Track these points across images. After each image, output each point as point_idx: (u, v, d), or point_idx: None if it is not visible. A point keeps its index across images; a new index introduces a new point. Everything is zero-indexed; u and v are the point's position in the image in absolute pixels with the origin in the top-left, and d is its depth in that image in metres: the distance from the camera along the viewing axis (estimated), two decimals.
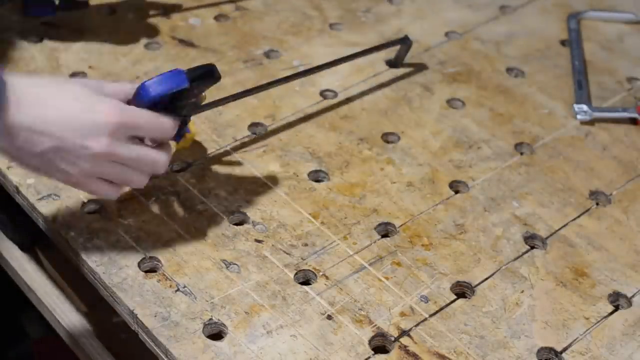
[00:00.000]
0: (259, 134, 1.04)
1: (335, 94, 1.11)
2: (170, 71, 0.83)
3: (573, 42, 1.23)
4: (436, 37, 1.23)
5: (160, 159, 0.83)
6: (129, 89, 0.83)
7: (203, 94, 0.89)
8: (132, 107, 0.81)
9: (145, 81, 0.82)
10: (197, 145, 1.01)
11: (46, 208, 0.92)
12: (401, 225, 0.94)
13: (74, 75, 1.09)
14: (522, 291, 0.89)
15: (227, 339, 0.82)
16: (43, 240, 1.02)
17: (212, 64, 0.86)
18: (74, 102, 0.78)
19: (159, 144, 0.84)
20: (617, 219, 0.98)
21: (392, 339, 0.83)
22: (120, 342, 1.00)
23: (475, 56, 1.20)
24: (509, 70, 1.18)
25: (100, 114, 0.78)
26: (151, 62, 1.13)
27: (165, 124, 0.82)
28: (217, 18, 1.23)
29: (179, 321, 0.83)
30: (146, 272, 0.87)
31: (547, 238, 0.94)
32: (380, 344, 0.83)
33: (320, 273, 0.88)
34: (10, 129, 0.75)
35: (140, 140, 0.82)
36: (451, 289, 0.88)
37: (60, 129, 0.77)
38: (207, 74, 0.86)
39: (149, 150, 0.82)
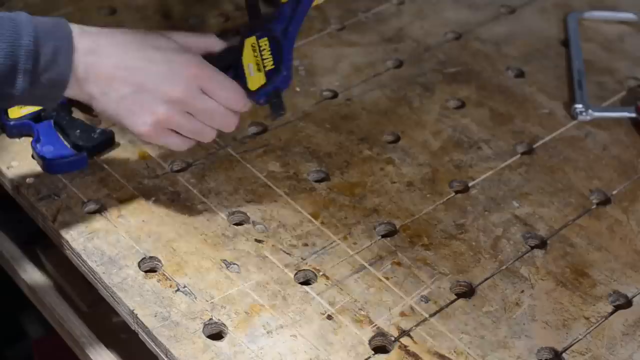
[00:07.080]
0: (259, 134, 1.04)
1: (336, 94, 1.11)
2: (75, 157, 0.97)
3: (573, 42, 1.23)
4: (436, 37, 1.23)
5: (230, 116, 0.87)
6: (211, 42, 0.89)
7: None
8: (209, 65, 0.85)
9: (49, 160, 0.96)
10: (197, 145, 1.01)
11: (46, 208, 0.92)
12: (401, 225, 0.94)
13: None
14: (522, 291, 0.89)
15: (227, 339, 0.82)
16: (43, 240, 1.01)
17: (110, 134, 1.00)
18: (155, 51, 0.82)
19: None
20: (617, 219, 0.98)
21: (393, 339, 0.83)
22: (120, 342, 1.00)
23: (475, 56, 1.20)
24: (509, 70, 1.18)
25: (178, 64, 0.82)
26: None
27: (237, 91, 0.87)
28: (217, 18, 1.23)
29: (179, 321, 0.82)
30: (146, 272, 0.87)
31: (547, 238, 0.94)
32: (380, 344, 0.83)
33: (321, 273, 0.88)
34: (95, 75, 0.79)
35: None
36: (451, 289, 0.88)
37: (140, 75, 0.81)
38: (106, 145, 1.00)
39: (220, 105, 0.86)
